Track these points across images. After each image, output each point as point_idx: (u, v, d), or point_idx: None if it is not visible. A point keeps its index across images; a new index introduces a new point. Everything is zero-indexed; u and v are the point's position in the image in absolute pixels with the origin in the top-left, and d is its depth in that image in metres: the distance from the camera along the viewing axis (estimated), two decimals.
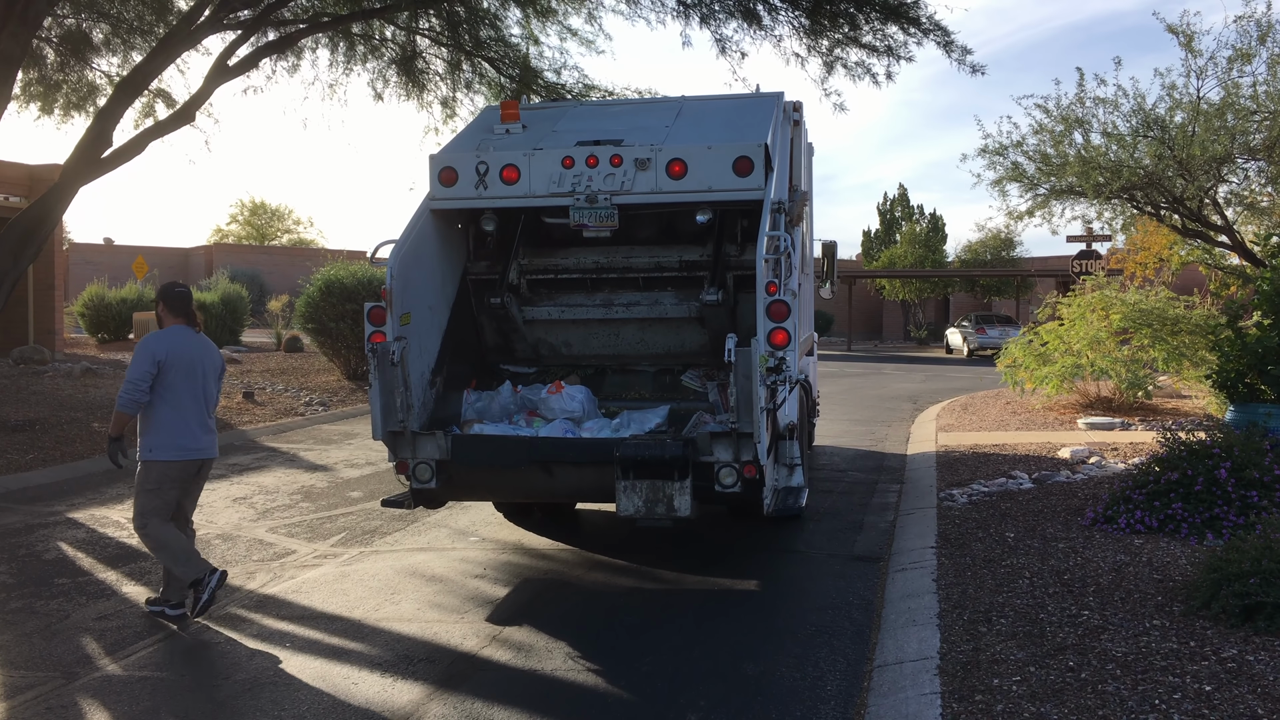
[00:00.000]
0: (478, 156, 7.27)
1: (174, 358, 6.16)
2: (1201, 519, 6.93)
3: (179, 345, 6.23)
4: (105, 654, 5.56)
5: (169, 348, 6.17)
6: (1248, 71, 15.00)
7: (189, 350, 6.27)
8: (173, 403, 6.15)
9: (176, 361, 6.16)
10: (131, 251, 41.14)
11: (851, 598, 6.43)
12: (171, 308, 6.39)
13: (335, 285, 18.73)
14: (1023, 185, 17.46)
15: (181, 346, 6.24)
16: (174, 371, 6.14)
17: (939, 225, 51.40)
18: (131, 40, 14.14)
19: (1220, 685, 4.28)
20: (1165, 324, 14.48)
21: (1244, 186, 16.97)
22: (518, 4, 14.58)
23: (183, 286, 6.63)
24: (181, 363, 6.19)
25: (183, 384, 6.18)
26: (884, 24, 12.87)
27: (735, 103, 8.40)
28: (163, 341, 6.20)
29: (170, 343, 6.21)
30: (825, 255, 11.02)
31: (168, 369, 6.12)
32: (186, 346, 6.27)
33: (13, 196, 19.31)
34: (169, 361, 6.13)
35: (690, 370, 7.74)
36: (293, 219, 64.85)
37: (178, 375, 6.16)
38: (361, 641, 5.76)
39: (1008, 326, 34.00)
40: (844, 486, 10.13)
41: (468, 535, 8.22)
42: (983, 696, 4.39)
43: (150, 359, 6.09)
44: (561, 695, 5.00)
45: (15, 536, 8.24)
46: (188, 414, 6.20)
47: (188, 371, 6.21)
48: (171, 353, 6.16)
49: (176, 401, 6.16)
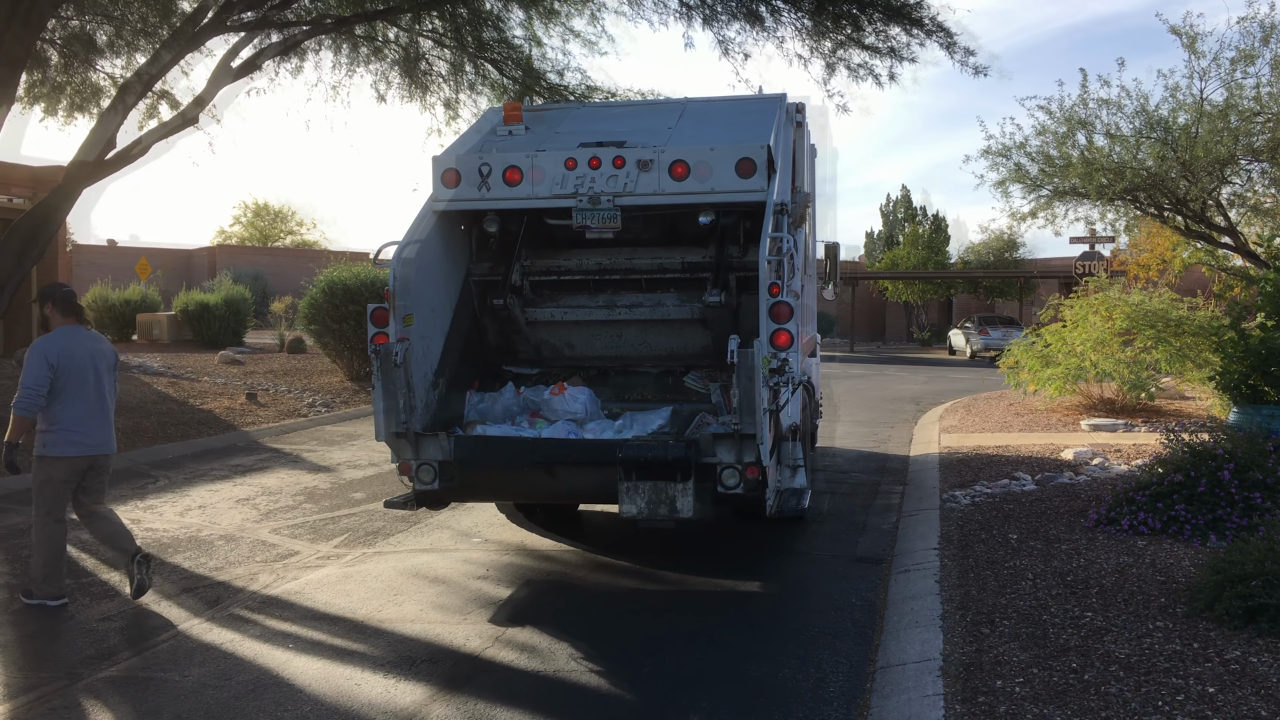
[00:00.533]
0: (481, 158, 7.28)
1: (66, 358, 6.28)
2: (1205, 521, 6.92)
3: (71, 345, 6.36)
4: (108, 655, 5.56)
5: (60, 349, 6.29)
6: (1251, 73, 14.99)
7: (81, 349, 6.40)
8: (67, 400, 6.27)
9: (69, 362, 6.29)
10: (135, 253, 41.18)
11: (854, 599, 6.43)
12: (60, 308, 6.50)
13: (338, 286, 18.75)
14: (1026, 187, 17.47)
15: (73, 346, 6.36)
16: (67, 372, 6.27)
17: (942, 227, 51.37)
18: (135, 42, 14.15)
19: (1223, 687, 4.27)
20: (1168, 325, 14.46)
21: (1247, 188, 16.98)
22: (521, 6, 14.59)
23: (68, 287, 6.73)
24: (75, 362, 6.31)
25: (77, 382, 6.31)
26: (887, 25, 12.86)
27: (738, 104, 8.40)
28: (54, 343, 6.31)
29: (62, 344, 6.33)
30: (828, 256, 11.01)
31: (61, 370, 6.25)
32: (78, 345, 6.40)
33: (16, 198, 19.33)
34: (62, 363, 6.25)
35: (693, 371, 7.74)
36: (296, 220, 64.89)
37: (71, 375, 6.28)
38: (364, 642, 5.76)
39: (1011, 328, 33.94)
40: (847, 488, 10.13)
41: (470, 536, 8.22)
42: (986, 698, 4.39)
43: (44, 363, 6.20)
44: (564, 696, 5.00)
45: (18, 537, 8.24)
46: (83, 411, 6.33)
47: (80, 370, 6.34)
48: (64, 353, 6.29)
49: (72, 399, 6.28)
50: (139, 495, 9.97)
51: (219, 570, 7.26)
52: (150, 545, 8.00)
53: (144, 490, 10.26)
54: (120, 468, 11.27)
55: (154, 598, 6.63)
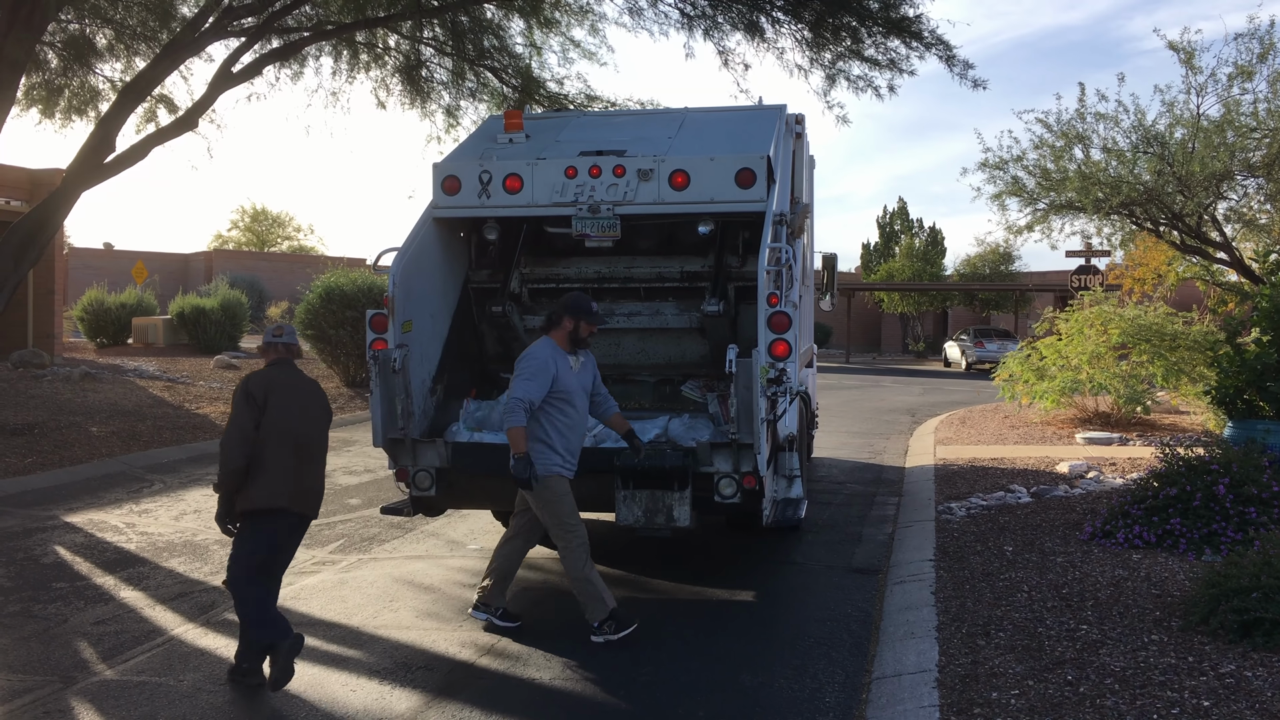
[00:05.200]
0: (481, 165, 7.29)
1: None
2: (1200, 535, 6.93)
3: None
4: (102, 659, 5.55)
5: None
6: (1248, 89, 15.04)
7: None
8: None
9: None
10: (131, 257, 41.17)
11: (850, 610, 6.43)
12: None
13: (335, 292, 18.74)
14: (1022, 200, 17.47)
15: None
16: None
17: (938, 239, 51.49)
18: (135, 46, 14.16)
19: (1218, 701, 4.28)
20: (1164, 340, 14.50)
21: (1243, 203, 17.00)
22: (521, 15, 14.64)
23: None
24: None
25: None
26: (886, 37, 12.91)
27: (738, 115, 8.43)
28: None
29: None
30: (825, 267, 11.04)
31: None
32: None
33: (14, 200, 19.31)
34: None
35: (690, 381, 7.74)
36: (293, 226, 64.98)
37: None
38: (359, 649, 5.75)
39: (1006, 340, 33.99)
40: (842, 498, 10.13)
41: (465, 544, 8.21)
42: (981, 710, 4.39)
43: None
44: (559, 705, 4.99)
45: (13, 540, 8.23)
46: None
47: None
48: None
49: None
50: (134, 499, 9.95)
51: (214, 575, 7.24)
52: (145, 549, 8.00)
53: (139, 494, 10.23)
54: (115, 471, 11.27)
55: (148, 602, 6.63)
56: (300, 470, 5.26)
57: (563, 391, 5.84)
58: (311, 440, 5.37)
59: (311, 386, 5.55)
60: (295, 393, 5.38)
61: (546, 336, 6.02)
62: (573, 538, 5.84)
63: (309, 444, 5.34)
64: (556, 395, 5.82)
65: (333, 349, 19.02)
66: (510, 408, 5.72)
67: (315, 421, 5.42)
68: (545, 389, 5.76)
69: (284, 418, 5.23)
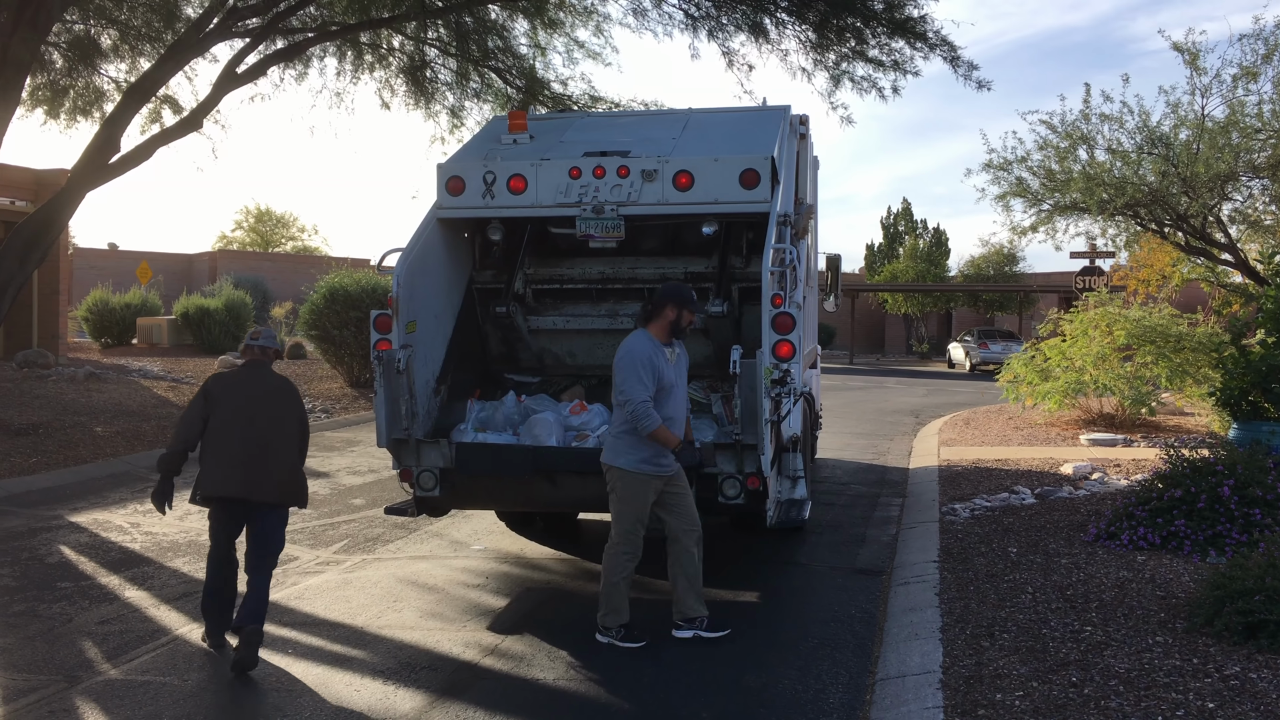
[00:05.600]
0: (485, 166, 7.30)
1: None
2: (1204, 536, 6.92)
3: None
4: (107, 658, 5.56)
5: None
6: (1253, 90, 15.02)
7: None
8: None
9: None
10: (136, 257, 41.21)
11: (854, 611, 6.43)
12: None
13: (339, 293, 18.77)
14: (1027, 201, 17.46)
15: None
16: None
17: (942, 240, 51.46)
18: (140, 47, 14.20)
19: (1223, 703, 4.27)
20: (1168, 341, 14.48)
21: (1248, 205, 17.00)
22: (525, 16, 14.65)
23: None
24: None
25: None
26: (890, 38, 12.90)
27: (742, 115, 8.43)
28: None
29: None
30: (829, 268, 11.04)
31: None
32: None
33: (19, 201, 19.36)
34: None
35: (694, 381, 7.74)
36: (298, 226, 65.02)
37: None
38: (363, 649, 5.76)
39: (1010, 342, 33.95)
40: (846, 499, 10.12)
41: (469, 544, 8.22)
42: (985, 711, 4.39)
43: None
44: (563, 706, 4.99)
45: (18, 540, 8.25)
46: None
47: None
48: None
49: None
50: (138, 499, 9.96)
51: None
52: (149, 549, 8.01)
53: (143, 494, 10.24)
54: (120, 471, 11.29)
55: (153, 601, 6.64)
56: (255, 461, 5.53)
57: (663, 385, 5.74)
58: (268, 434, 5.60)
59: (279, 385, 5.81)
60: (255, 391, 5.69)
61: (643, 329, 5.86)
62: (628, 543, 5.84)
63: (265, 438, 5.58)
64: (657, 389, 5.70)
65: (337, 349, 19.03)
66: (640, 413, 5.57)
67: (275, 420, 5.65)
68: (654, 384, 5.67)
69: (238, 414, 5.57)
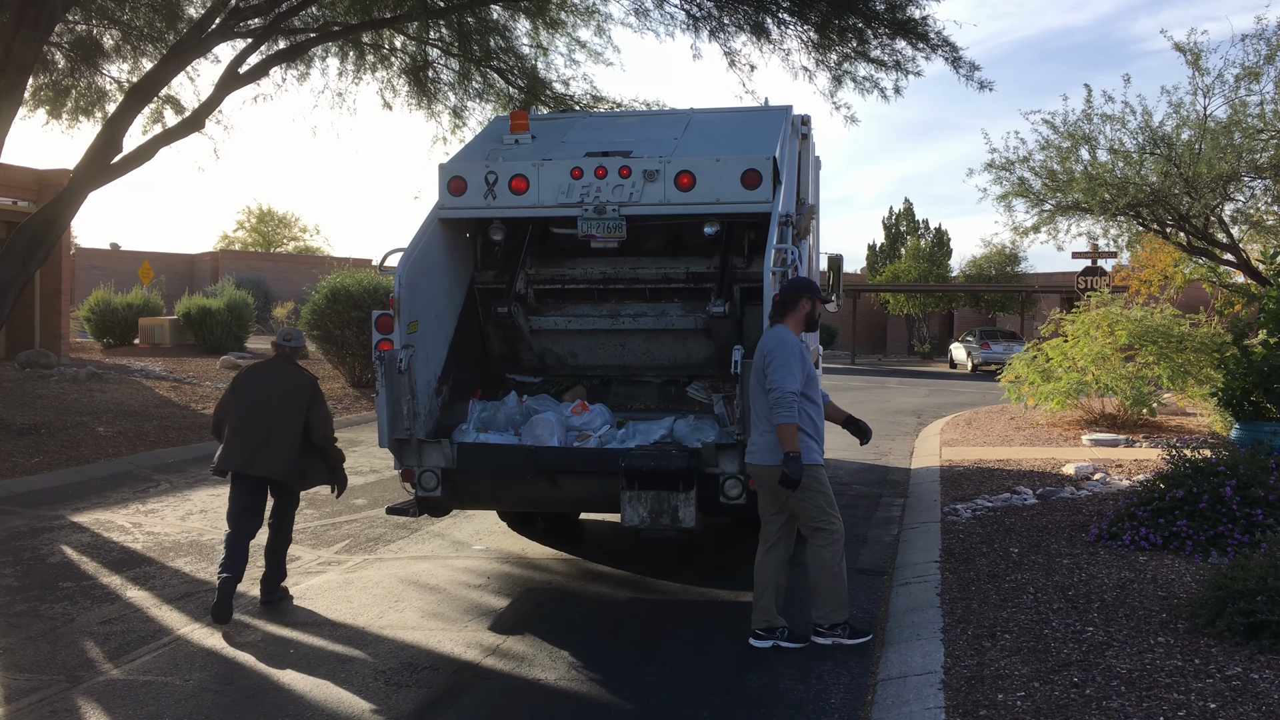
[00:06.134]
0: (487, 166, 7.30)
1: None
2: (1206, 537, 6.91)
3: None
4: (109, 658, 5.56)
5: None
6: (1255, 90, 15.00)
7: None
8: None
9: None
10: (138, 257, 41.28)
11: (855, 611, 6.41)
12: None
13: (341, 293, 18.78)
14: (1029, 201, 17.44)
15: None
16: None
17: (944, 240, 51.45)
18: (142, 47, 14.22)
19: (1225, 703, 4.27)
20: (1170, 341, 14.46)
21: (1250, 205, 16.96)
22: (527, 16, 14.65)
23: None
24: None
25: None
26: (892, 39, 12.89)
27: (744, 116, 8.43)
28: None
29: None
30: (831, 268, 11.02)
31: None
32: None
33: (21, 201, 19.38)
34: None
35: (696, 382, 7.74)
36: (299, 226, 65.07)
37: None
38: (365, 649, 5.76)
39: (1012, 342, 33.93)
40: (848, 500, 10.12)
41: (471, 545, 8.22)
42: (987, 711, 4.39)
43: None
44: (564, 706, 5.00)
45: (20, 540, 8.26)
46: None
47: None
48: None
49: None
50: (140, 499, 9.97)
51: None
52: (151, 549, 8.01)
53: (145, 494, 10.26)
54: (121, 471, 11.30)
55: (155, 601, 6.64)
56: (260, 442, 6.38)
57: (811, 376, 5.68)
58: (275, 420, 6.42)
59: (293, 376, 6.61)
60: (272, 382, 6.56)
61: (782, 324, 5.76)
62: (834, 529, 5.64)
63: (271, 423, 6.41)
64: (806, 380, 5.61)
65: (338, 349, 19.05)
66: (785, 401, 5.40)
67: (284, 409, 6.44)
68: (804, 376, 5.57)
69: (253, 400, 6.49)
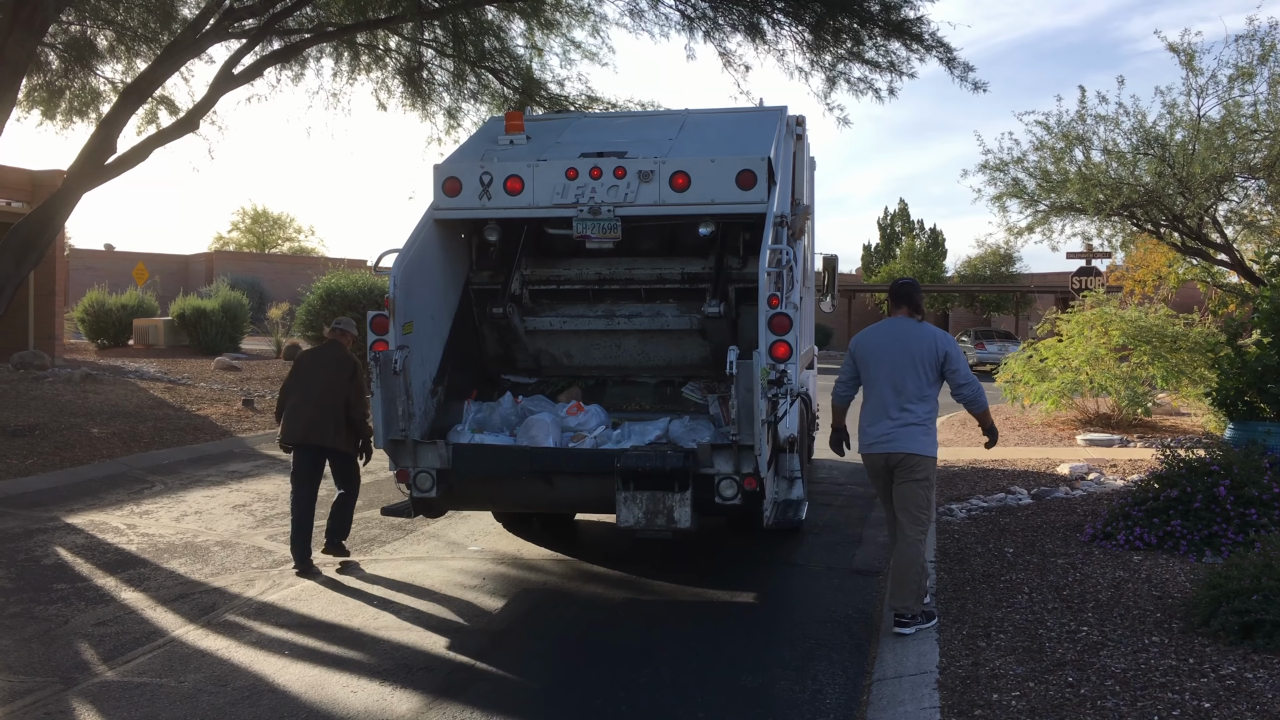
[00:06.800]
0: (482, 167, 7.29)
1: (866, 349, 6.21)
2: (1200, 536, 6.93)
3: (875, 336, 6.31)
4: (103, 660, 5.55)
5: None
6: (1249, 90, 15.05)
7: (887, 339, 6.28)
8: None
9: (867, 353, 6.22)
10: (132, 258, 41.15)
11: (850, 611, 6.43)
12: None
13: (336, 293, 18.79)
14: (1023, 201, 17.48)
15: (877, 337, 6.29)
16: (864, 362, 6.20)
17: (939, 241, 51.51)
18: (136, 48, 14.18)
19: (1219, 703, 4.28)
20: (1164, 341, 14.50)
21: (1244, 205, 17.02)
22: (522, 16, 14.65)
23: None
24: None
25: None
26: (887, 40, 12.90)
27: (738, 116, 8.44)
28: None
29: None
30: (826, 269, 11.04)
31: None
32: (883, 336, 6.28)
33: (15, 202, 19.33)
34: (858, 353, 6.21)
35: (691, 382, 7.75)
36: (294, 227, 64.94)
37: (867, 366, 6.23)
38: (360, 650, 5.75)
39: (1007, 342, 33.95)
40: (843, 500, 10.13)
41: (466, 545, 8.21)
42: (982, 711, 4.40)
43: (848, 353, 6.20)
44: (559, 706, 4.99)
45: (14, 541, 8.24)
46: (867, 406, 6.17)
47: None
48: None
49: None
50: (135, 500, 9.95)
51: (214, 576, 7.25)
52: (145, 550, 8.00)
53: (140, 495, 10.24)
54: (116, 473, 11.27)
55: (149, 603, 6.63)
56: (310, 415, 7.39)
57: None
58: (322, 396, 7.43)
59: (340, 359, 7.61)
60: (318, 362, 7.65)
61: (925, 322, 6.26)
62: (929, 522, 5.94)
63: (319, 398, 7.42)
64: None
65: None
66: (982, 391, 6.27)
67: (328, 385, 7.45)
68: None
69: (305, 378, 7.57)
